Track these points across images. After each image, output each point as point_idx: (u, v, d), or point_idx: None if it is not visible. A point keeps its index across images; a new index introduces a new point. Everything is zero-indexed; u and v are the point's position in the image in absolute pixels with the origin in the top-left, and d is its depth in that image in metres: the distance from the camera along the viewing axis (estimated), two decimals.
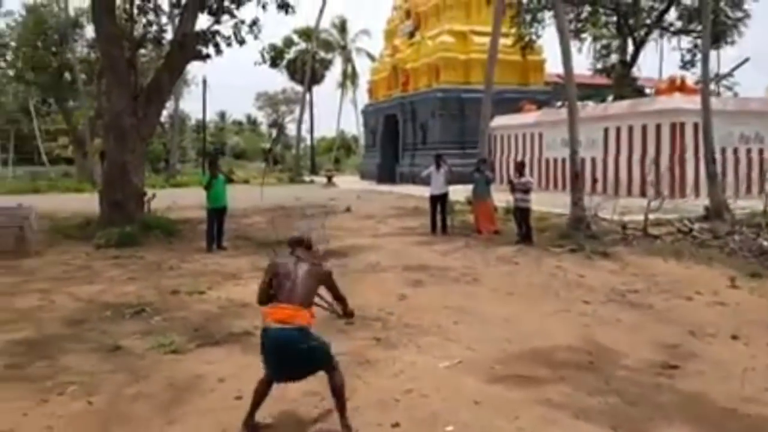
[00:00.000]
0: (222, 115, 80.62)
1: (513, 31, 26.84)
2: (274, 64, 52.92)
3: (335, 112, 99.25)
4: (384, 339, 5.89)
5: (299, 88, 59.31)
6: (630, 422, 4.12)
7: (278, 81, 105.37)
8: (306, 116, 52.33)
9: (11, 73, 42.59)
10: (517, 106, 28.82)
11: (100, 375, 5.10)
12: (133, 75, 14.00)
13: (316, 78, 54.01)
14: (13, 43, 40.20)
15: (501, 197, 14.05)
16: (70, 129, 42.21)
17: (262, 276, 4.16)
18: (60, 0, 38.56)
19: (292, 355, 3.75)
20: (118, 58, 13.62)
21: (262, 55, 17.53)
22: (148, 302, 7.42)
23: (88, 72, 39.12)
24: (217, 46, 14.58)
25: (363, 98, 49.43)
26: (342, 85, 59.85)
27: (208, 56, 14.41)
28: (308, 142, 60.90)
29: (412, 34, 36.15)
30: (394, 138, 35.53)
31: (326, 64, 58.07)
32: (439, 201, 13.24)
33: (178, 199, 20.77)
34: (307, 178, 41.75)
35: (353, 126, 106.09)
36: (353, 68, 59.25)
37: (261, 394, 3.95)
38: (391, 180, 33.73)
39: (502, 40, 21.38)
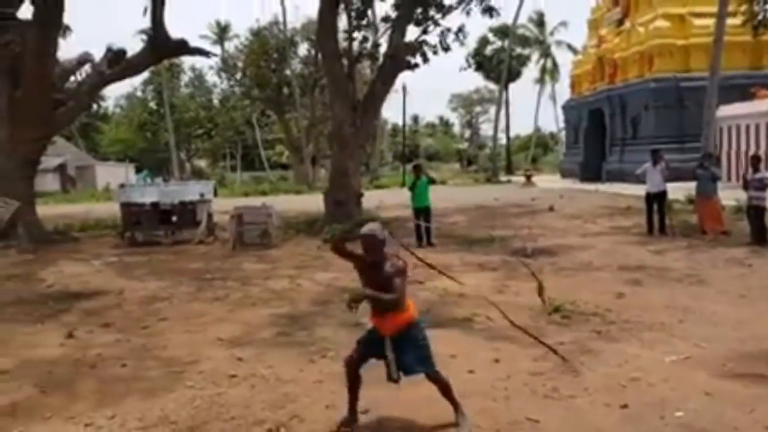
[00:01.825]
0: (415, 119, 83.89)
1: (742, 9, 24.15)
2: (479, 67, 53.59)
3: (530, 109, 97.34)
4: (604, 333, 6.02)
5: (493, 87, 59.29)
6: None
7: (472, 81, 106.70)
8: (501, 114, 52.33)
9: (237, 90, 49.13)
10: (747, 92, 25.79)
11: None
12: (351, 88, 15.57)
13: (511, 75, 53.63)
14: (240, 64, 46.34)
15: (728, 195, 12.98)
16: (287, 137, 47.31)
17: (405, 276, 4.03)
18: (279, 22, 43.55)
19: None
20: (339, 74, 15.24)
21: (468, 61, 18.21)
22: None
23: (302, 86, 43.51)
24: (424, 55, 15.54)
25: (563, 93, 48.00)
26: (540, 81, 58.59)
27: (416, 65, 15.44)
28: (503, 141, 60.73)
29: (620, 22, 34.20)
30: (600, 134, 33.96)
31: (523, 61, 57.26)
32: (657, 199, 12.62)
33: (384, 200, 22.43)
34: (503, 178, 41.76)
35: (550, 123, 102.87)
36: (553, 62, 57.72)
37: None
38: (597, 178, 32.24)
39: (729, 20, 19.43)
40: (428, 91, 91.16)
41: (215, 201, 16.88)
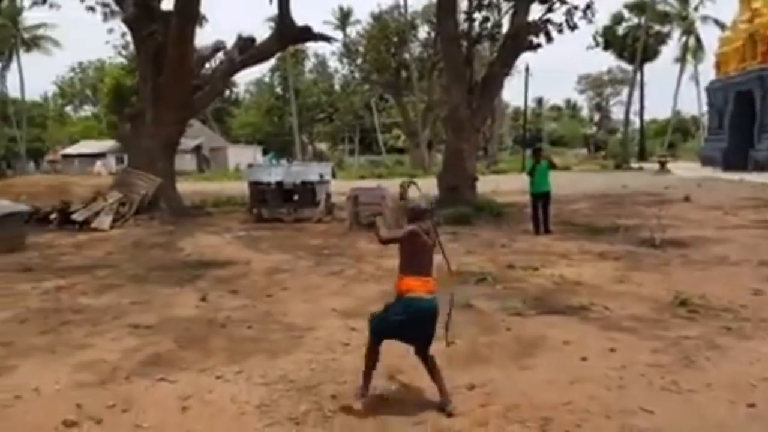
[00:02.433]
0: (539, 101, 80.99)
1: None
2: (608, 46, 50.66)
3: (668, 91, 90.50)
4: (736, 329, 5.61)
5: (627, 67, 55.64)
6: None
7: (603, 61, 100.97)
8: (635, 97, 49.12)
9: (357, 75, 50.27)
10: None
11: (458, 324, 6.00)
12: (468, 70, 15.39)
13: (648, 54, 49.88)
14: (361, 49, 47.31)
15: None
16: (404, 121, 47.76)
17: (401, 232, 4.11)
18: (400, 6, 43.88)
19: (434, 323, 4.18)
20: (457, 56, 15.12)
21: (595, 39, 17.36)
22: (488, 272, 8.32)
23: (420, 69, 43.60)
24: (548, 34, 14.97)
25: (707, 74, 44.09)
26: (681, 60, 54.05)
27: (539, 45, 14.93)
28: (636, 126, 57.10)
29: None
30: (748, 118, 30.85)
31: (661, 38, 52.98)
32: None
33: (501, 185, 22.06)
34: (634, 165, 39.37)
35: (692, 106, 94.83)
36: (697, 40, 52.97)
37: (375, 361, 4.23)
38: (742, 167, 29.34)
39: None
40: (554, 72, 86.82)
41: (334, 182, 17.54)
